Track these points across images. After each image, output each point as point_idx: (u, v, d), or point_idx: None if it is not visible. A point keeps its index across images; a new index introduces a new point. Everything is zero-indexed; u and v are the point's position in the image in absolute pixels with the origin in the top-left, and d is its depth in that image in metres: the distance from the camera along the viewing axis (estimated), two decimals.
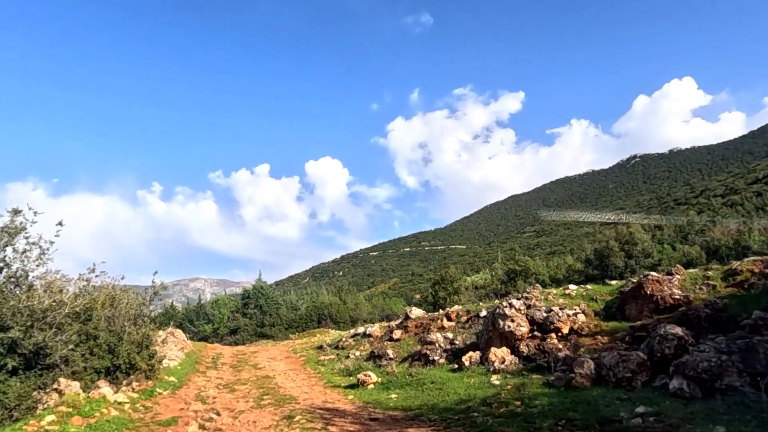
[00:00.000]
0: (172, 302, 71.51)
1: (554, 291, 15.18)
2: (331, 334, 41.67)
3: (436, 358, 12.89)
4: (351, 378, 14.45)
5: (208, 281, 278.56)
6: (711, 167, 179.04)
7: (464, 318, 15.30)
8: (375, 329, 18.99)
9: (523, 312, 11.84)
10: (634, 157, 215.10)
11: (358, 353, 17.44)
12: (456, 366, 12.23)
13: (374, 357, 15.30)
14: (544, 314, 11.95)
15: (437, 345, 13.35)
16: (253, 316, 52.22)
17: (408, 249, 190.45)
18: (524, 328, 11.42)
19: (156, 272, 14.28)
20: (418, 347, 14.81)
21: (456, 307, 16.69)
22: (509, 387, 9.35)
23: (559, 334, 11.22)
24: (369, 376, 12.54)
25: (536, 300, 13.24)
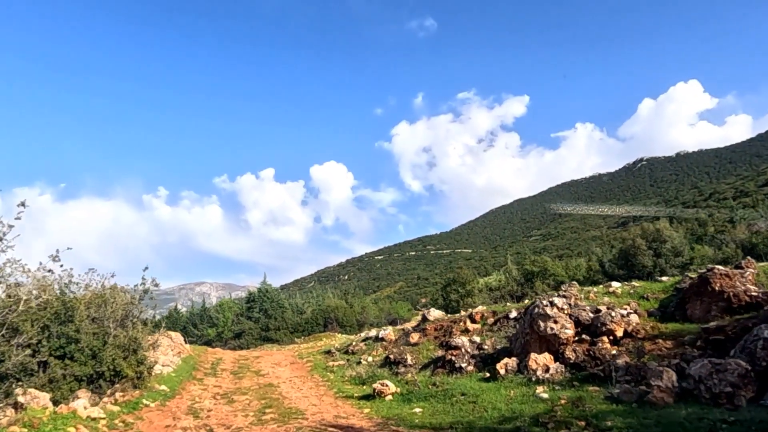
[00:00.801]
0: (176, 305, 70.08)
1: (595, 289, 13.41)
2: (338, 338, 39.93)
3: (463, 365, 11.15)
4: (365, 387, 12.73)
5: (214, 285, 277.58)
6: (719, 170, 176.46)
7: (490, 320, 13.57)
8: (388, 332, 17.28)
9: (566, 312, 10.11)
10: (641, 160, 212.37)
11: (370, 359, 15.72)
12: (488, 375, 10.50)
13: (390, 363, 13.58)
14: (591, 314, 10.21)
15: (463, 350, 11.61)
16: (258, 319, 50.57)
17: (413, 253, 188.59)
18: (570, 331, 9.68)
19: (146, 268, 12.65)
20: (440, 352, 13.09)
21: (480, 307, 14.97)
22: (563, 402, 7.60)
23: (611, 337, 9.48)
24: (387, 385, 10.83)
25: (576, 299, 11.50)
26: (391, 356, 13.72)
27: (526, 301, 16.84)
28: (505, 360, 10.05)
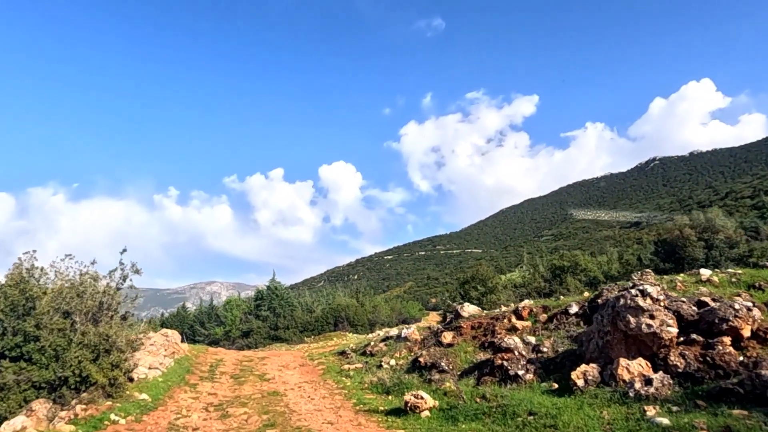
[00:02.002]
0: (183, 304, 68.11)
1: (680, 277, 10.81)
2: (349, 338, 37.50)
3: (519, 372, 8.62)
4: (391, 398, 10.25)
5: (224, 284, 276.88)
6: (734, 170, 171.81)
7: (542, 316, 11.01)
8: (412, 331, 14.77)
9: (663, 303, 7.54)
10: (653, 159, 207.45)
11: (393, 362, 13.23)
12: (555, 385, 7.96)
13: (420, 368, 11.08)
14: (694, 308, 7.64)
15: (517, 353, 9.08)
16: (267, 318, 48.29)
17: (423, 253, 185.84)
18: (673, 329, 7.12)
19: (124, 250, 10.27)
20: (482, 355, 10.56)
21: (526, 301, 12.42)
22: None
23: (733, 338, 6.91)
24: (421, 398, 8.34)
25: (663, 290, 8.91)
26: (421, 359, 11.21)
27: (563, 298, 14.20)
28: (583, 367, 7.49)
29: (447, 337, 12.00)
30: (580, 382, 7.33)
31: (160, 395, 10.44)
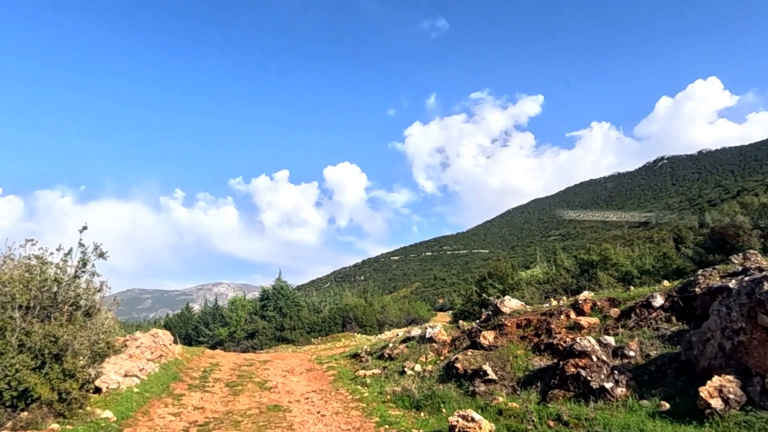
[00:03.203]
0: (187, 304, 66.09)
1: None
2: (358, 339, 35.19)
3: (606, 384, 6.26)
4: (423, 415, 7.90)
5: (231, 286, 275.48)
6: (744, 168, 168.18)
7: (613, 311, 8.64)
8: (438, 331, 12.41)
9: None
10: (662, 158, 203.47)
11: (418, 367, 10.89)
12: (665, 405, 5.60)
13: (458, 376, 8.74)
14: None
15: (595, 358, 6.72)
16: (272, 318, 46.06)
17: (429, 253, 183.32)
18: None
19: (85, 227, 7.98)
20: (538, 360, 8.20)
21: (586, 293, 10.05)
22: None
23: None
24: (473, 420, 6.00)
25: None
26: (458, 365, 8.86)
27: (553, 301, 11.72)
28: (716, 381, 5.12)
29: (487, 337, 9.63)
30: (717, 403, 4.96)
31: (130, 411, 8.15)
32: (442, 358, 10.94)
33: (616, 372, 6.50)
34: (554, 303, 10.36)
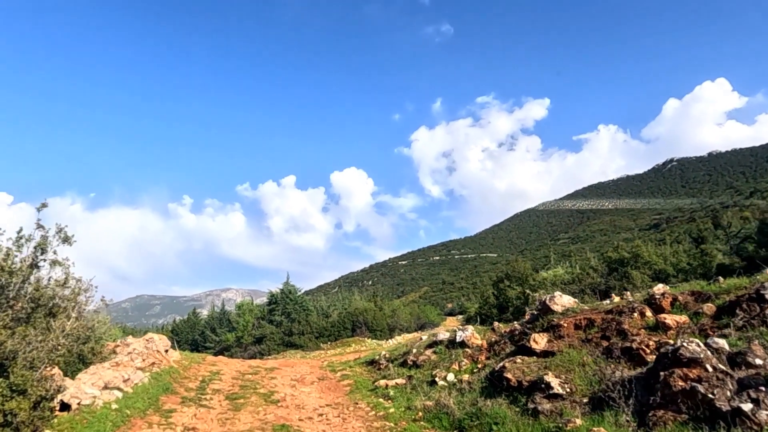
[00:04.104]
0: (194, 309, 64.56)
1: None
2: (368, 344, 33.39)
3: (743, 405, 4.47)
4: None
5: (239, 291, 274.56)
6: (756, 169, 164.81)
7: (706, 307, 6.82)
8: (470, 334, 10.62)
9: None
10: (671, 161, 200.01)
11: (451, 377, 9.12)
12: None
13: (508, 389, 6.96)
14: None
15: (710, 367, 4.94)
16: (281, 323, 44.34)
17: (437, 258, 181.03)
18: None
19: (44, 204, 6.33)
20: (613, 368, 6.40)
21: (660, 286, 8.26)
22: None
23: None
24: None
25: None
26: (509, 375, 7.08)
27: (615, 297, 9.92)
28: None
29: (539, 340, 7.84)
30: None
31: None
32: (480, 365, 9.15)
33: (747, 387, 4.70)
34: (616, 299, 8.55)
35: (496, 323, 11.14)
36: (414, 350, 11.64)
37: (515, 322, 10.03)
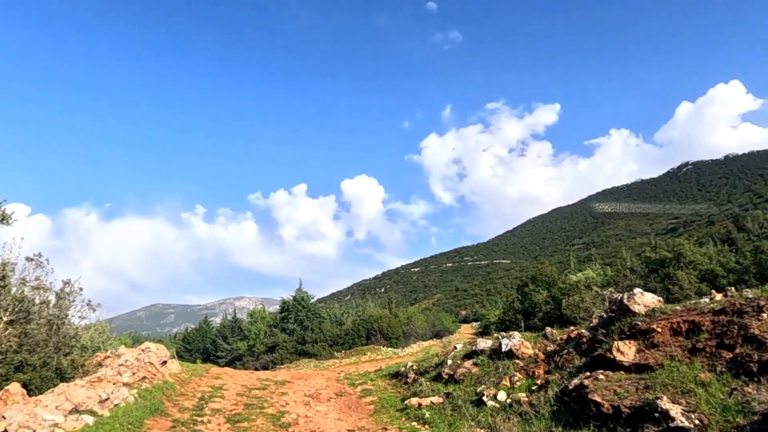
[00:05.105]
0: (206, 317, 63.08)
1: None
2: (384, 352, 31.40)
3: None
4: None
5: (252, 300, 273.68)
6: None
7: None
8: (519, 341, 8.74)
9: None
10: (686, 164, 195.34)
11: (502, 395, 7.24)
12: None
13: (595, 416, 5.08)
14: None
15: None
16: (293, 331, 42.54)
17: (450, 264, 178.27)
18: None
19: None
20: (752, 389, 4.49)
21: None
22: None
23: None
24: None
25: None
26: (596, 398, 5.21)
27: (716, 294, 7.93)
28: None
29: (625, 350, 5.96)
30: None
31: None
32: (538, 381, 7.26)
33: None
34: (718, 297, 6.62)
35: (548, 329, 9.24)
36: (449, 361, 9.76)
37: (573, 328, 8.12)
